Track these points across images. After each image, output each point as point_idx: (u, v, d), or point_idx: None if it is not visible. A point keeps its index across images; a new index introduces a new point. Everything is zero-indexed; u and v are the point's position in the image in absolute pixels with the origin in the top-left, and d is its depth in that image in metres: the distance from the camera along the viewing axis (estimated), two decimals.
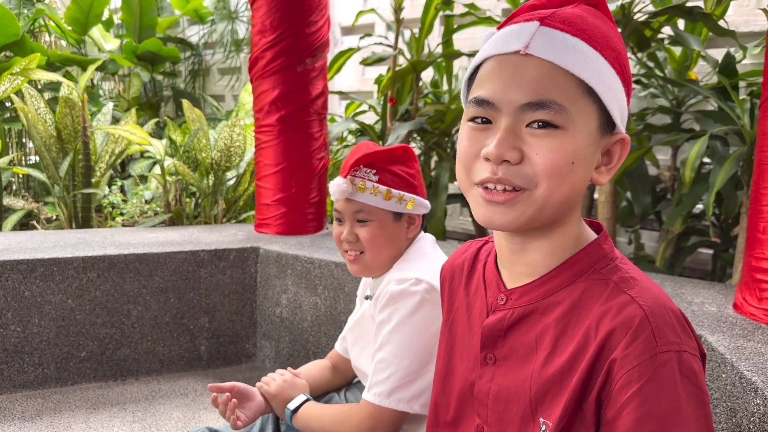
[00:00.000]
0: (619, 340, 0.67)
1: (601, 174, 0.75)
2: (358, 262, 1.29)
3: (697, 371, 0.67)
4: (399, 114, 3.07)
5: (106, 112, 3.63)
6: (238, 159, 3.29)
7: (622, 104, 0.74)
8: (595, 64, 0.70)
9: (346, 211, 1.27)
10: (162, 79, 5.53)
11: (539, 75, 0.69)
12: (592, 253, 0.76)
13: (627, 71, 0.75)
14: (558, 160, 0.69)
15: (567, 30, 0.71)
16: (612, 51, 0.73)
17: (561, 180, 0.69)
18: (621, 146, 0.75)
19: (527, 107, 0.69)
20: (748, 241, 1.64)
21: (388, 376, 1.15)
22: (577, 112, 0.69)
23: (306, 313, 2.26)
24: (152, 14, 5.10)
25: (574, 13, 0.73)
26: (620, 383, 0.66)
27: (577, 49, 0.70)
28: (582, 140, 0.70)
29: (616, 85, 0.72)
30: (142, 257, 2.21)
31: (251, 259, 2.39)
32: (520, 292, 0.77)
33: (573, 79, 0.69)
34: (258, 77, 2.58)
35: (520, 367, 0.76)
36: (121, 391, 2.14)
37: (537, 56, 0.69)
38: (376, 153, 1.27)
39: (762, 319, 1.55)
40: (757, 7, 2.74)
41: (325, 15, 2.57)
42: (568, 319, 0.73)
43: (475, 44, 3.39)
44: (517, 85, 0.70)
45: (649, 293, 0.70)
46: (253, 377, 2.30)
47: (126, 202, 3.58)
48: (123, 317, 2.20)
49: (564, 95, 0.69)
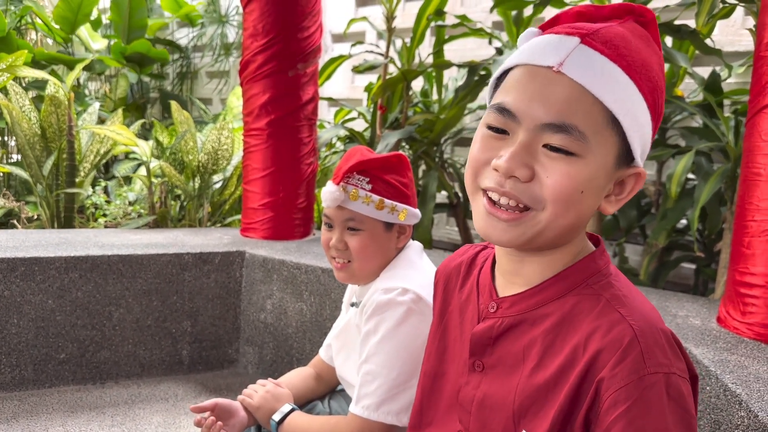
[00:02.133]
0: (608, 360, 0.66)
1: (610, 203, 0.73)
2: (345, 270, 1.27)
3: (685, 394, 0.66)
4: (389, 122, 3.07)
5: (92, 111, 3.59)
6: (225, 162, 3.27)
7: (646, 138, 0.72)
8: (627, 95, 0.68)
9: (337, 219, 1.25)
10: (149, 80, 5.49)
11: (568, 97, 0.67)
12: (585, 268, 0.75)
13: (660, 103, 0.73)
14: (568, 187, 0.67)
15: (607, 53, 0.68)
16: (648, 82, 0.70)
17: (567, 207, 0.69)
18: (635, 180, 0.73)
19: (548, 127, 0.67)
20: (732, 256, 1.66)
21: (375, 389, 1.14)
22: (596, 142, 0.68)
23: (291, 319, 2.24)
24: (141, 15, 5.06)
25: (618, 34, 0.70)
26: (607, 403, 0.65)
27: (613, 77, 0.68)
28: (596, 171, 0.68)
29: (644, 119, 0.70)
30: (126, 259, 2.18)
31: (236, 263, 2.37)
32: (511, 302, 0.77)
33: (600, 108, 0.67)
34: (248, 80, 2.57)
35: (507, 377, 0.75)
36: (100, 394, 2.10)
37: (569, 76, 0.67)
38: (371, 161, 1.25)
39: (745, 333, 1.57)
40: (742, 28, 2.79)
41: (318, 21, 2.57)
42: (557, 332, 0.72)
43: (465, 55, 3.41)
44: (542, 102, 0.68)
45: (639, 312, 0.69)
46: (235, 383, 2.27)
47: (109, 203, 3.53)
48: (104, 319, 2.16)
49: (587, 123, 0.67)
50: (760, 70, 1.56)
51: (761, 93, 1.54)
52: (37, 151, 3.24)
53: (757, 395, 1.20)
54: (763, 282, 1.53)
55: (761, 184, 1.54)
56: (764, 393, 1.21)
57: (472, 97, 2.86)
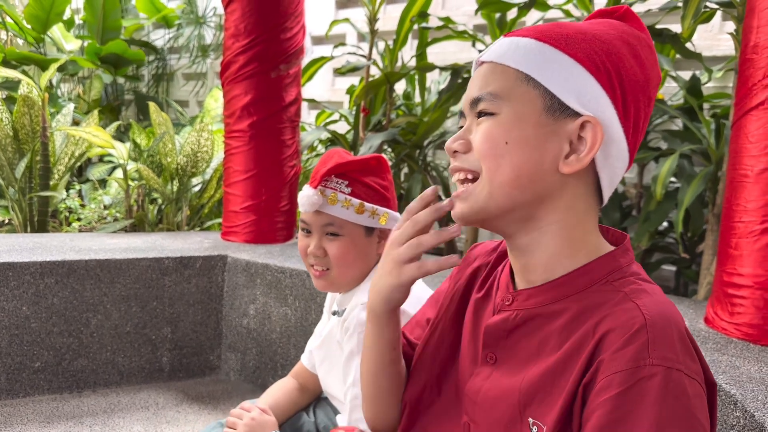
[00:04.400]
0: (613, 342, 0.64)
1: (569, 163, 0.71)
2: (325, 278, 1.23)
3: (691, 394, 0.62)
4: (372, 124, 3.05)
5: (67, 113, 3.50)
6: (204, 165, 3.21)
7: (581, 85, 0.71)
8: (540, 56, 0.72)
9: (315, 224, 1.21)
10: (124, 82, 5.38)
11: (483, 74, 0.75)
12: (606, 264, 0.73)
13: (611, 67, 0.72)
14: (488, 140, 0.72)
15: (518, 34, 0.76)
16: (584, 48, 0.72)
17: (497, 159, 0.71)
18: (592, 131, 0.70)
19: (473, 104, 0.75)
20: (719, 257, 1.67)
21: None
22: (512, 98, 0.72)
23: (275, 324, 2.20)
24: (116, 16, 4.97)
25: (549, 24, 0.77)
26: (600, 385, 0.63)
27: (521, 46, 0.74)
28: (516, 121, 0.71)
29: (571, 71, 0.71)
30: (104, 263, 2.12)
31: (218, 268, 2.32)
32: (527, 295, 0.76)
33: (510, 71, 0.73)
34: (230, 81, 2.52)
35: (519, 370, 0.74)
36: (77, 403, 2.03)
37: (486, 61, 0.76)
38: (349, 163, 1.21)
39: (734, 333, 1.58)
40: (720, 33, 2.84)
41: (301, 22, 2.54)
42: (573, 327, 0.70)
43: (446, 58, 3.41)
44: (469, 90, 0.77)
45: (657, 305, 0.67)
46: (217, 390, 2.22)
47: (84, 207, 3.44)
48: (81, 326, 2.10)
49: (500, 85, 0.73)
50: (746, 72, 1.57)
51: (747, 95, 1.56)
52: (9, 153, 3.14)
53: (752, 395, 1.20)
54: (751, 282, 1.54)
55: (748, 186, 1.56)
56: (758, 393, 1.21)
57: (456, 99, 2.86)
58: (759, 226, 1.53)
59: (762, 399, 1.19)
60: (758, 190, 1.53)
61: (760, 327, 1.54)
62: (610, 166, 0.74)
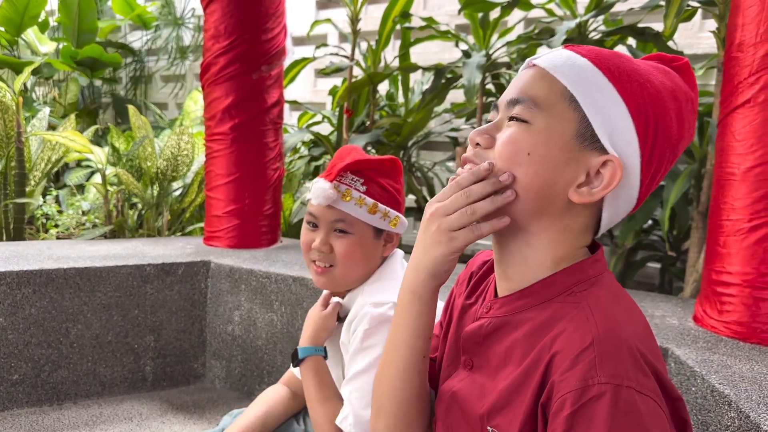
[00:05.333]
0: (561, 363, 0.64)
1: (580, 193, 0.71)
2: (326, 276, 1.19)
3: (644, 412, 0.60)
4: (355, 126, 3.02)
5: (42, 117, 3.42)
6: (185, 168, 3.16)
7: (616, 127, 0.71)
8: (591, 81, 0.71)
9: (324, 218, 1.17)
10: (101, 85, 5.29)
11: (530, 77, 0.74)
12: (572, 275, 0.73)
13: (653, 123, 0.71)
14: (512, 145, 0.72)
15: (581, 53, 0.74)
16: (634, 90, 0.71)
17: (513, 167, 0.71)
18: (612, 172, 0.70)
19: (510, 103, 0.74)
20: (707, 255, 1.67)
21: (364, 407, 1.07)
22: (550, 112, 0.71)
23: (261, 331, 2.16)
24: (92, 18, 4.87)
25: (612, 52, 0.76)
26: (555, 407, 0.63)
27: (577, 65, 0.73)
28: (545, 138, 0.71)
29: (611, 108, 0.71)
30: (83, 271, 2.06)
31: (201, 274, 2.28)
32: (501, 303, 0.77)
33: (558, 85, 0.72)
34: (210, 83, 2.48)
35: (490, 378, 0.75)
36: (57, 416, 1.97)
37: (539, 66, 0.75)
38: (367, 161, 1.18)
39: (723, 331, 1.58)
40: (701, 31, 2.85)
41: (282, 22, 2.50)
42: (535, 336, 0.71)
43: (429, 59, 3.39)
44: (511, 87, 0.76)
45: (609, 321, 0.66)
46: (202, 399, 2.18)
47: (61, 214, 3.37)
48: (61, 336, 2.04)
49: (542, 94, 0.72)
50: (731, 71, 1.57)
51: (733, 93, 1.56)
52: None
53: (746, 395, 1.20)
54: (740, 281, 1.54)
55: (735, 184, 1.56)
56: (752, 392, 1.21)
57: (439, 100, 2.84)
58: (747, 224, 1.53)
59: (756, 399, 1.18)
60: (745, 188, 1.53)
61: (749, 325, 1.54)
62: (616, 207, 0.75)
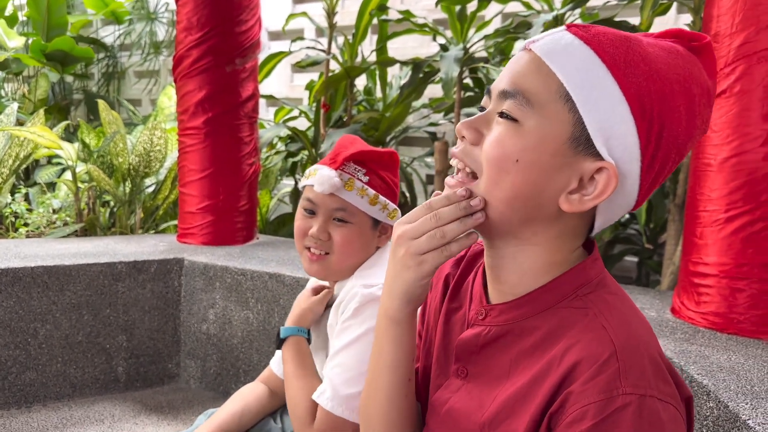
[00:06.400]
0: (582, 373, 0.62)
1: (571, 201, 0.66)
2: (321, 263, 1.17)
3: (665, 419, 0.60)
4: (333, 120, 2.99)
5: (10, 113, 3.32)
6: (158, 164, 3.09)
7: (614, 131, 0.64)
8: (591, 75, 0.64)
9: (324, 206, 1.15)
10: (72, 81, 5.17)
11: (525, 67, 0.67)
12: (575, 278, 0.69)
13: (658, 117, 0.64)
14: (500, 149, 0.66)
15: (583, 37, 0.66)
16: (640, 83, 0.64)
17: (500, 174, 0.66)
18: (606, 180, 0.64)
19: (503, 95, 0.68)
20: (685, 247, 1.67)
21: (344, 381, 1.05)
22: (543, 114, 0.65)
23: (236, 329, 2.12)
24: (61, 12, 4.75)
25: (619, 35, 0.66)
26: (571, 417, 0.60)
27: (576, 55, 0.65)
28: (536, 142, 0.65)
29: (611, 110, 0.64)
30: (52, 270, 2.00)
31: (174, 272, 2.23)
32: (499, 310, 0.73)
33: (553, 81, 0.65)
34: (183, 77, 2.42)
35: (490, 389, 0.71)
36: (26, 419, 1.91)
37: (535, 52, 0.67)
38: (370, 152, 1.17)
39: (700, 322, 1.58)
40: (676, 25, 2.87)
41: (257, 14, 2.46)
42: (543, 349, 0.68)
43: (406, 53, 3.37)
44: (505, 74, 0.70)
45: (626, 329, 0.65)
46: (177, 399, 2.13)
47: (31, 212, 3.28)
48: (29, 337, 1.98)
49: (536, 90, 0.65)
50: None
51: None
52: None
53: (724, 385, 1.20)
54: (716, 271, 1.55)
55: (711, 175, 1.56)
56: (730, 382, 1.21)
57: (418, 94, 2.82)
58: (723, 215, 1.53)
59: (734, 389, 1.18)
60: (721, 179, 1.54)
61: (726, 315, 1.54)
62: (610, 211, 0.69)
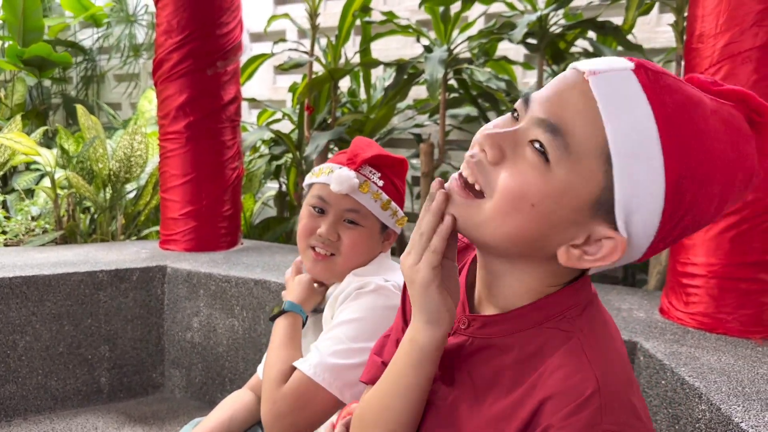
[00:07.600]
0: (562, 407, 0.60)
1: (570, 255, 0.63)
2: (326, 264, 1.15)
3: None
4: (317, 123, 2.96)
5: None
6: (139, 170, 3.04)
7: (640, 210, 0.60)
8: (641, 143, 0.58)
9: (337, 206, 1.13)
10: (50, 85, 5.08)
11: (575, 103, 0.60)
12: (563, 300, 0.67)
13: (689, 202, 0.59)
14: (520, 189, 0.61)
15: (649, 91, 0.58)
16: (684, 161, 0.58)
17: (512, 211, 0.61)
18: (612, 249, 0.61)
19: (540, 123, 0.61)
20: (672, 247, 1.67)
21: (332, 353, 1.02)
22: (576, 166, 0.59)
23: (221, 337, 2.08)
24: (38, 15, 4.66)
25: (689, 93, 0.60)
26: None
27: (635, 114, 0.58)
28: (558, 192, 0.60)
29: (649, 186, 0.58)
30: (30, 280, 1.95)
31: (157, 279, 2.18)
32: (482, 322, 0.71)
33: (600, 134, 0.59)
34: (163, 80, 2.38)
35: (476, 399, 0.69)
36: None
37: (591, 86, 0.59)
38: (386, 157, 1.16)
39: (689, 323, 1.57)
40: (658, 25, 2.88)
41: (238, 16, 2.42)
42: (526, 365, 0.66)
43: (389, 54, 3.35)
44: (550, 97, 0.62)
45: (609, 364, 0.63)
46: (162, 409, 2.09)
47: (9, 219, 3.21)
48: (8, 349, 1.92)
49: (578, 139, 0.59)
50: (692, 62, 1.57)
51: None
52: None
53: (715, 387, 1.19)
54: (705, 272, 1.54)
55: None
56: (721, 384, 1.20)
57: (402, 96, 2.80)
58: None
59: (726, 390, 1.17)
60: None
61: (714, 316, 1.54)
62: (606, 266, 0.66)
